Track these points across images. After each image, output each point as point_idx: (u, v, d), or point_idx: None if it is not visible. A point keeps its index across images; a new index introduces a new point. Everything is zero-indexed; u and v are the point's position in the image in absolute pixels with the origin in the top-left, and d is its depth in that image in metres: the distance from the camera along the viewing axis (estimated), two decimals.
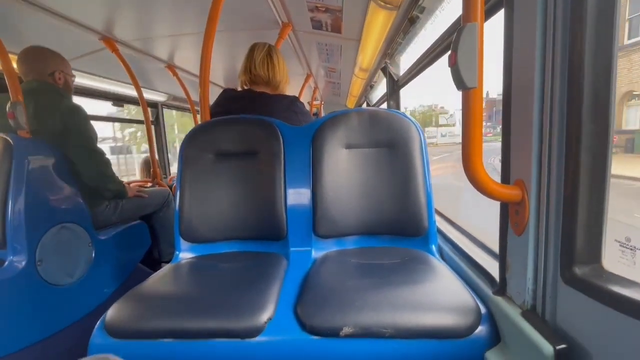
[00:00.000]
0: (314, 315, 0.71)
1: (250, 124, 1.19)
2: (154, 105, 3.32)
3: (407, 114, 1.17)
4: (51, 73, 1.46)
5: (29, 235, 1.17)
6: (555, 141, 0.54)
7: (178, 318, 0.73)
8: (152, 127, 2.92)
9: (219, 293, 0.81)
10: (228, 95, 1.40)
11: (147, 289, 0.85)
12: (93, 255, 1.43)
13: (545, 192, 0.56)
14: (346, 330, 0.67)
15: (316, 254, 1.09)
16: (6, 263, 1.11)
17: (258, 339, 0.71)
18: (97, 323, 0.76)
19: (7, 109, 1.22)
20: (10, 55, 1.29)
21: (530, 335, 0.55)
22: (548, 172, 0.56)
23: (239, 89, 1.45)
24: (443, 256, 1.06)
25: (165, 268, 1.00)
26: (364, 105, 4.42)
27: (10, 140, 1.19)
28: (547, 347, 0.50)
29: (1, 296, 1.07)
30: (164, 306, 0.77)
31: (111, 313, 0.76)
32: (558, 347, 0.50)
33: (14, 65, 1.34)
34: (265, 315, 0.73)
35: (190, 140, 1.19)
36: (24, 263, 1.14)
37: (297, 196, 1.13)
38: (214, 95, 1.43)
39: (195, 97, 3.16)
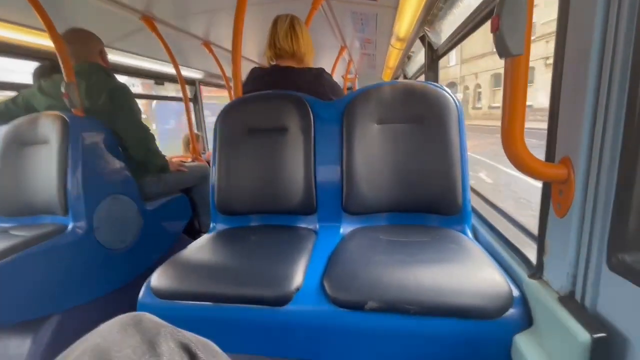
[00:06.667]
0: (340, 288, 0.73)
1: (281, 99, 1.19)
2: (191, 82, 3.41)
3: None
4: (99, 53, 1.55)
5: (87, 204, 1.30)
6: (612, 116, 0.48)
7: (214, 284, 0.79)
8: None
9: (252, 263, 0.86)
10: (255, 75, 1.40)
11: (186, 257, 0.92)
12: (141, 223, 1.57)
13: (595, 172, 0.51)
14: (371, 304, 0.69)
15: (344, 229, 1.10)
16: (69, 228, 1.26)
17: (286, 307, 0.74)
18: (144, 285, 0.85)
19: (62, 89, 1.33)
20: None
21: (565, 321, 0.52)
22: (600, 150, 0.50)
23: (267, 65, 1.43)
24: (477, 237, 1.02)
25: (202, 238, 1.07)
26: (401, 78, 4.21)
27: (67, 119, 1.31)
28: (584, 335, 0.48)
29: (67, 257, 1.22)
30: (202, 273, 0.84)
31: (155, 277, 0.84)
32: (596, 336, 0.47)
33: None
34: (293, 286, 0.76)
35: (224, 117, 1.22)
36: (84, 229, 1.28)
37: (327, 172, 1.13)
38: (248, 71, 1.44)
39: (230, 73, 3.19)
